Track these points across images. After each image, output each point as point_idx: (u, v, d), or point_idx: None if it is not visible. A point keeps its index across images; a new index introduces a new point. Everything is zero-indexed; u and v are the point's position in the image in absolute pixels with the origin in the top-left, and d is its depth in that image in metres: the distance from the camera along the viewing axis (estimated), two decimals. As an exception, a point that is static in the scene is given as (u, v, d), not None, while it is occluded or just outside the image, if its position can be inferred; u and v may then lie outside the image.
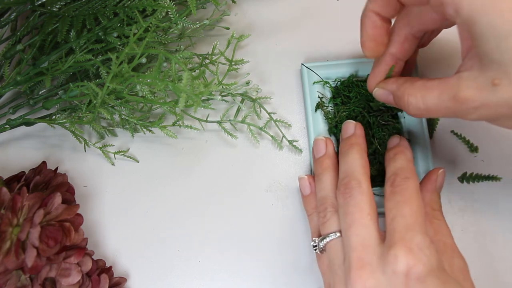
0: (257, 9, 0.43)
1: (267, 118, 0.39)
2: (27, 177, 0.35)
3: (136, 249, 0.37)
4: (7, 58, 0.37)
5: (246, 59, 0.40)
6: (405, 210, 0.27)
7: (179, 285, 0.36)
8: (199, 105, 0.28)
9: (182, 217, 0.38)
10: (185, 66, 0.28)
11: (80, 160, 0.40)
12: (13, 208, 0.30)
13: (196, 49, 0.42)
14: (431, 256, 0.25)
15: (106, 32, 0.36)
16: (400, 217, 0.27)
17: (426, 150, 0.36)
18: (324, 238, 0.30)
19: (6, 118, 0.38)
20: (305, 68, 0.39)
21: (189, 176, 0.39)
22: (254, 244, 0.37)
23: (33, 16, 0.37)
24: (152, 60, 0.39)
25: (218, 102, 0.40)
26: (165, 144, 0.40)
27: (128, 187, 0.39)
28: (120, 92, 0.33)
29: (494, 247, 0.36)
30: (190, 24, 0.36)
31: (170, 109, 0.35)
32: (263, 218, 0.38)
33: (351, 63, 0.38)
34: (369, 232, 0.27)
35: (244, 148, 0.39)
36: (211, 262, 0.37)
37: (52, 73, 0.36)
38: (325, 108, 0.38)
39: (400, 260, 0.25)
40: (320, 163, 0.34)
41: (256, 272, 0.37)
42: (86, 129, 0.40)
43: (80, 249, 0.32)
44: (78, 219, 0.33)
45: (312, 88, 0.39)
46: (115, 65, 0.32)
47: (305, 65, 0.39)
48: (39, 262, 0.30)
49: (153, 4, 0.34)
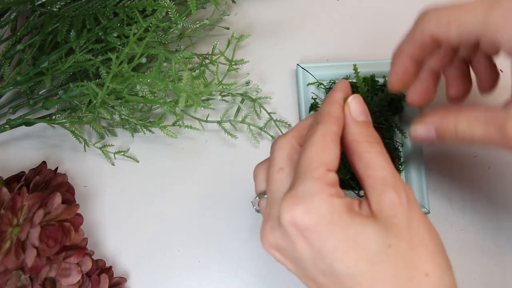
0: (257, 9, 0.43)
1: (267, 118, 0.39)
2: (27, 177, 0.35)
3: (136, 249, 0.37)
4: (7, 58, 0.37)
5: (246, 59, 0.40)
6: (301, 158, 0.25)
7: (179, 285, 0.36)
8: (199, 105, 0.28)
9: (182, 217, 0.38)
10: (185, 66, 0.28)
11: (80, 160, 0.40)
12: (13, 208, 0.30)
13: (196, 49, 0.42)
14: (320, 203, 0.23)
15: (106, 32, 0.36)
16: (297, 166, 0.25)
17: (419, 157, 0.36)
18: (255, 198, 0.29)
19: (6, 118, 0.38)
20: (300, 69, 0.39)
21: (189, 176, 0.39)
22: (254, 244, 0.37)
23: (33, 16, 0.37)
24: (152, 60, 0.39)
25: (218, 102, 0.40)
26: (165, 144, 0.40)
27: (128, 187, 0.39)
28: (120, 92, 0.33)
29: (494, 247, 0.36)
30: (190, 24, 0.36)
31: (170, 109, 0.35)
32: (263, 218, 0.38)
33: (347, 65, 0.38)
34: (278, 186, 0.26)
35: (244, 148, 0.39)
36: (211, 262, 0.37)
37: (52, 73, 0.36)
38: (319, 109, 0.38)
39: (283, 211, 0.23)
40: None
41: (256, 272, 0.37)
42: (86, 129, 0.40)
43: (80, 249, 0.32)
44: (78, 219, 0.33)
45: (307, 89, 0.39)
46: (115, 65, 0.32)
47: (300, 65, 0.39)
48: (39, 262, 0.30)
49: (153, 4, 0.34)
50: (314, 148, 0.24)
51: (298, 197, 0.23)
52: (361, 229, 0.23)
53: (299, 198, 0.23)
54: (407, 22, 0.28)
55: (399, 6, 0.43)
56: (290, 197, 0.23)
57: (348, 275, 0.22)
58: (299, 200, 0.23)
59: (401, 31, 0.28)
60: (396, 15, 0.42)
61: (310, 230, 0.23)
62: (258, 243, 0.37)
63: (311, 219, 0.23)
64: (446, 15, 0.25)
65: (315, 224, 0.22)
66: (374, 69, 0.38)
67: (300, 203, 0.23)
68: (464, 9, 0.24)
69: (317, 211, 0.23)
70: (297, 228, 0.23)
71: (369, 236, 0.22)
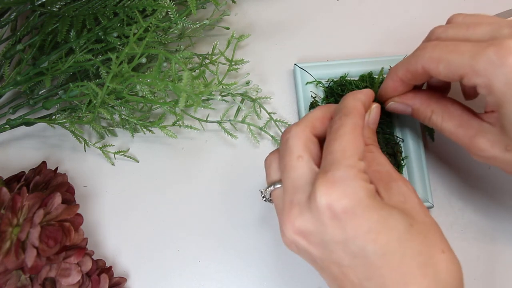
0: (257, 9, 0.43)
1: (267, 118, 0.39)
2: (27, 177, 0.35)
3: (136, 249, 0.37)
4: (7, 58, 0.37)
5: (246, 59, 0.40)
6: (334, 146, 0.26)
7: (179, 285, 0.36)
8: (199, 105, 0.28)
9: (182, 217, 0.38)
10: (185, 66, 0.28)
11: (80, 160, 0.40)
12: (13, 208, 0.30)
13: (196, 49, 0.42)
14: (357, 187, 0.24)
15: (106, 32, 0.36)
16: (329, 154, 0.26)
17: (419, 151, 0.36)
18: (268, 187, 0.29)
19: (6, 118, 0.38)
20: (298, 68, 0.39)
21: (189, 176, 0.39)
22: (254, 243, 0.37)
23: (33, 16, 0.37)
24: (152, 60, 0.39)
25: (218, 102, 0.40)
26: (165, 144, 0.40)
27: (128, 187, 0.39)
28: (120, 92, 0.33)
29: (494, 247, 0.36)
30: (190, 24, 0.36)
31: (170, 109, 0.35)
32: (263, 218, 0.38)
33: (345, 64, 0.38)
34: (299, 173, 0.26)
35: (244, 148, 0.39)
36: (211, 262, 0.37)
37: (52, 73, 0.36)
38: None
39: (319, 194, 0.24)
40: None
41: (256, 272, 0.37)
42: (86, 129, 0.40)
43: (80, 249, 0.32)
44: (78, 219, 0.33)
45: (306, 88, 0.39)
46: (115, 65, 0.32)
47: (298, 65, 0.39)
48: (39, 262, 0.30)
49: (153, 4, 0.34)
50: (345, 138, 0.26)
51: (335, 181, 0.24)
52: (389, 211, 0.24)
53: (336, 182, 0.24)
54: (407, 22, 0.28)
55: (398, 6, 0.43)
56: (327, 181, 0.24)
57: (380, 255, 0.23)
58: (336, 184, 0.24)
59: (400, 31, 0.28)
60: (396, 15, 0.42)
61: (347, 213, 0.24)
62: (258, 243, 0.37)
63: (350, 202, 0.24)
64: (438, 53, 0.27)
65: (353, 206, 0.24)
66: (373, 67, 0.38)
67: (337, 186, 0.24)
68: (456, 50, 0.26)
69: (354, 194, 0.24)
70: (332, 211, 0.24)
71: (396, 217, 0.24)
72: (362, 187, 0.24)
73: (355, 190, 0.24)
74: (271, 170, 0.29)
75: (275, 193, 0.29)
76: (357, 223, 0.23)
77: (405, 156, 0.37)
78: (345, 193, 0.24)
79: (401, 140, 0.37)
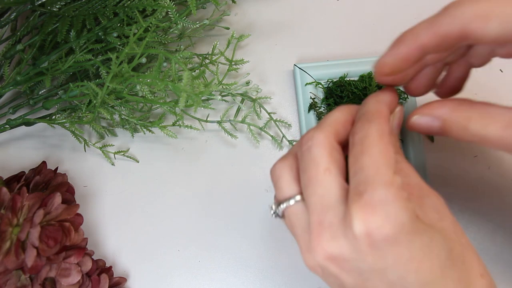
0: (257, 9, 0.43)
1: (267, 118, 0.39)
2: (27, 177, 0.35)
3: (136, 249, 0.37)
4: (7, 58, 0.37)
5: (246, 59, 0.40)
6: (364, 161, 0.22)
7: (179, 285, 0.36)
8: (199, 105, 0.28)
9: (182, 217, 0.38)
10: (185, 66, 0.28)
11: (80, 160, 0.40)
12: (13, 208, 0.30)
13: (196, 49, 0.42)
14: (399, 211, 0.21)
15: (106, 32, 0.36)
16: (359, 170, 0.22)
17: (419, 152, 0.36)
18: (281, 204, 0.26)
19: (6, 118, 0.38)
20: (298, 69, 0.39)
21: (189, 176, 0.39)
22: (254, 243, 0.37)
23: (33, 16, 0.37)
24: (152, 60, 0.39)
25: (218, 102, 0.40)
26: (165, 144, 0.40)
27: (128, 187, 0.39)
28: (120, 92, 0.33)
29: (493, 247, 0.36)
30: (190, 24, 0.36)
31: (170, 109, 0.35)
32: (263, 218, 0.38)
33: (344, 64, 0.38)
34: (328, 189, 0.23)
35: (244, 148, 0.39)
36: (211, 262, 0.37)
37: (52, 73, 0.36)
38: (318, 109, 0.38)
39: (356, 222, 0.21)
40: None
41: (256, 272, 0.37)
42: (86, 129, 0.40)
43: (80, 249, 0.32)
44: (78, 219, 0.33)
45: (305, 89, 0.39)
46: (115, 65, 0.32)
47: (297, 65, 0.39)
48: (39, 262, 0.30)
49: (153, 4, 0.34)
50: (375, 149, 0.22)
51: (374, 205, 0.21)
52: (431, 235, 0.21)
53: (375, 206, 0.21)
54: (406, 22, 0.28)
55: (398, 6, 0.43)
56: (364, 205, 0.21)
57: (420, 284, 0.21)
58: (375, 208, 0.21)
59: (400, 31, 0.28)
60: (395, 15, 0.42)
61: (388, 241, 0.21)
62: (258, 243, 0.37)
63: (392, 229, 0.21)
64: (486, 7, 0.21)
65: (395, 233, 0.21)
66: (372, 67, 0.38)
67: (376, 211, 0.21)
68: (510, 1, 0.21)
69: (397, 220, 0.21)
70: (372, 239, 0.21)
71: (437, 243, 0.21)
72: (404, 210, 0.21)
73: (397, 216, 0.21)
74: (283, 183, 0.26)
75: (293, 210, 0.25)
76: (398, 251, 0.21)
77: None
78: (387, 219, 0.21)
79: (400, 140, 0.37)
